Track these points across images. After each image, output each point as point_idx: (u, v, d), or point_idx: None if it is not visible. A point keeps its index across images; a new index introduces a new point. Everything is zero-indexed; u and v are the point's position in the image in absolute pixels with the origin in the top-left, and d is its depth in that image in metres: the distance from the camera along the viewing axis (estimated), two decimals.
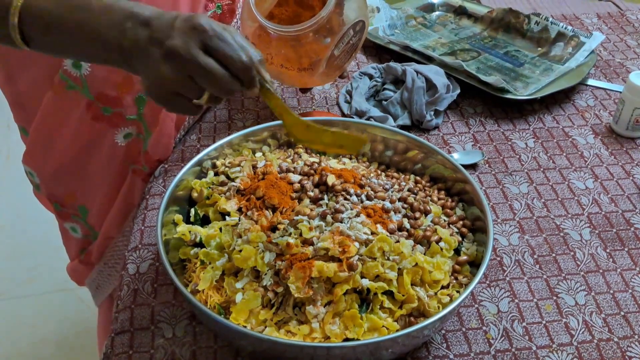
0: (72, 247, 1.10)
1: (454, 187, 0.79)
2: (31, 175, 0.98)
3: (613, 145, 0.99)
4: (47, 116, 0.89)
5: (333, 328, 0.62)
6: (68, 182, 0.97)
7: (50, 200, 1.01)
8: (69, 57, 0.79)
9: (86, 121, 0.89)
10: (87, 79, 0.84)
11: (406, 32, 1.26)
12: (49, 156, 0.93)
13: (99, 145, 0.92)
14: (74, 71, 0.83)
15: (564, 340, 0.70)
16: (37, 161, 0.95)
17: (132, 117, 0.91)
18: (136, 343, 0.69)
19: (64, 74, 0.84)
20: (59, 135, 0.90)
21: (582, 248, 0.81)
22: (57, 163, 0.94)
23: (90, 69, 0.83)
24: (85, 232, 1.04)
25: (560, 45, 1.17)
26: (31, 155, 0.95)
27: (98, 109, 0.88)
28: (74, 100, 0.86)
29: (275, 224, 0.69)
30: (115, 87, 0.86)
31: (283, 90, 1.09)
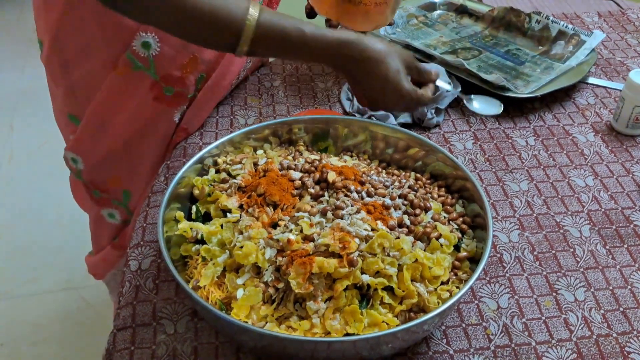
0: (105, 235, 1.11)
1: (454, 185, 0.79)
2: (74, 162, 1.00)
3: (613, 143, 0.99)
4: (107, 98, 0.91)
5: (333, 323, 0.63)
6: (116, 166, 0.99)
7: (90, 188, 1.02)
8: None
9: (147, 102, 0.91)
10: (154, 59, 0.87)
11: (407, 31, 1.26)
12: (102, 140, 0.95)
13: (155, 126, 0.95)
14: (142, 51, 0.86)
15: (564, 336, 0.70)
16: (87, 146, 0.97)
17: (190, 95, 0.94)
18: (138, 339, 0.69)
19: (131, 54, 0.86)
20: (117, 117, 0.92)
21: (582, 245, 0.81)
22: (108, 147, 0.95)
23: (159, 49, 0.86)
24: (124, 217, 1.06)
25: (561, 43, 1.18)
26: (82, 140, 0.96)
27: (161, 89, 0.90)
28: (138, 81, 0.89)
29: (276, 220, 0.70)
30: (180, 68, 0.89)
31: (286, 88, 1.09)
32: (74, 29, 0.86)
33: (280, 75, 1.13)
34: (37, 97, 2.54)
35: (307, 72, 1.14)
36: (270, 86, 1.10)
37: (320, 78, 1.13)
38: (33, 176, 2.18)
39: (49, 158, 2.24)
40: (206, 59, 0.92)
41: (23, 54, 2.78)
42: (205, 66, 0.93)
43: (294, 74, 1.14)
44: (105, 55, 0.88)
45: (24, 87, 2.60)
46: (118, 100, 0.91)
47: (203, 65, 0.92)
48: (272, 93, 1.08)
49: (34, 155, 2.25)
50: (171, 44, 0.87)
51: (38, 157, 2.24)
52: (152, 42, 0.85)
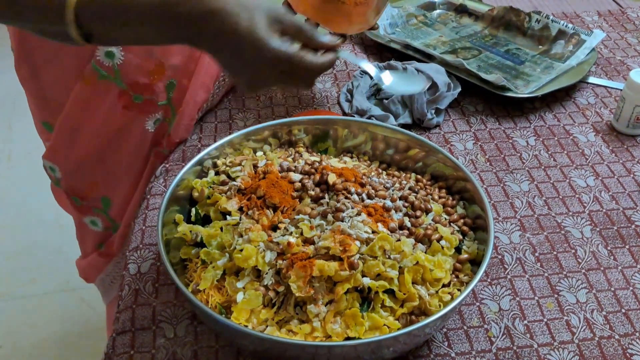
0: (90, 241, 1.10)
1: (455, 186, 0.79)
2: (52, 170, 0.99)
3: (614, 143, 0.99)
4: (76, 108, 0.89)
5: (334, 327, 0.62)
6: (92, 174, 0.98)
7: (70, 195, 1.01)
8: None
9: (117, 110, 0.90)
10: (120, 68, 0.85)
11: (407, 31, 1.26)
12: (75, 148, 0.94)
13: (128, 134, 0.93)
14: (106, 61, 0.84)
15: (565, 338, 0.70)
16: (62, 154, 0.96)
17: (162, 103, 0.92)
18: (137, 343, 0.69)
19: (96, 64, 0.84)
20: (87, 126, 0.91)
21: (583, 246, 0.81)
22: (82, 155, 0.94)
23: (123, 58, 0.84)
24: (106, 224, 1.05)
25: (561, 43, 1.17)
26: (55, 149, 0.95)
27: (130, 98, 0.89)
28: (106, 90, 0.87)
29: (276, 223, 0.69)
30: (147, 75, 0.88)
31: (284, 89, 1.09)
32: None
33: None
34: None
35: None
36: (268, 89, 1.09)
37: (318, 79, 1.12)
38: (32, 176, 2.16)
39: None
40: (173, 64, 0.90)
41: None
42: (173, 71, 0.91)
43: None
44: (72, 64, 0.86)
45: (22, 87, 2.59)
46: (87, 110, 0.90)
47: (170, 70, 0.90)
48: (270, 95, 1.07)
49: (33, 155, 2.24)
50: (135, 52, 0.85)
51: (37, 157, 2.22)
52: (115, 51, 0.84)
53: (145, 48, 0.86)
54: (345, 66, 1.16)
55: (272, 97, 1.07)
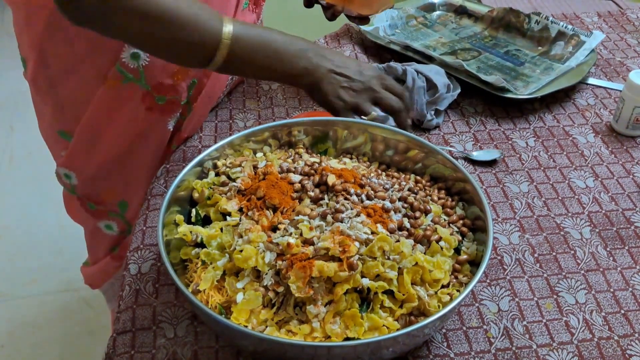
0: (102, 246, 1.10)
1: (454, 187, 0.79)
2: (67, 178, 0.99)
3: (613, 144, 0.99)
4: (98, 113, 0.90)
5: (334, 327, 0.63)
6: (111, 179, 0.98)
7: (84, 201, 1.01)
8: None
9: (140, 112, 0.90)
10: (145, 69, 0.86)
11: (407, 32, 1.26)
12: (94, 154, 0.94)
13: (150, 135, 0.94)
14: (132, 63, 0.85)
15: (565, 338, 0.70)
16: (80, 161, 0.96)
17: (184, 102, 0.94)
18: (138, 343, 0.69)
19: (121, 67, 0.85)
20: (109, 130, 0.91)
21: (583, 247, 0.81)
22: (102, 160, 0.95)
23: (149, 59, 0.85)
24: (122, 227, 1.05)
25: (560, 44, 1.17)
26: (74, 156, 0.96)
27: (153, 99, 0.90)
28: (129, 92, 0.88)
29: (275, 224, 0.70)
30: (171, 76, 0.89)
31: (284, 90, 1.09)
32: (59, 44, 0.85)
33: None
34: None
35: None
36: (268, 89, 1.10)
37: None
38: (33, 177, 2.18)
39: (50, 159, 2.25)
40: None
41: None
42: (196, 71, 0.92)
43: None
44: (93, 69, 0.87)
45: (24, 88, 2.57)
46: (110, 113, 0.90)
47: (194, 70, 0.91)
48: (270, 96, 1.08)
49: (35, 156, 2.25)
50: None
51: (38, 158, 2.24)
52: (141, 52, 0.85)
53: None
54: None
55: (272, 98, 1.07)
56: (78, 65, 0.86)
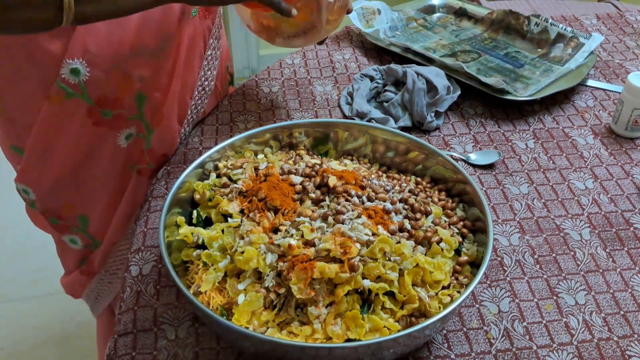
0: (71, 259, 1.09)
1: (454, 188, 0.79)
2: (26, 193, 0.97)
3: (612, 146, 0.99)
4: (45, 128, 0.87)
5: (335, 329, 0.63)
6: (67, 193, 0.96)
7: (46, 216, 0.99)
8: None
9: (87, 127, 0.88)
10: (86, 84, 0.84)
11: (407, 34, 1.26)
12: (47, 169, 0.92)
13: (100, 150, 0.92)
14: (72, 78, 0.83)
15: (564, 339, 0.71)
16: (34, 176, 0.94)
17: (133, 117, 0.91)
18: (139, 345, 0.69)
19: (62, 83, 0.83)
20: (58, 146, 0.89)
21: (582, 248, 0.82)
22: (55, 175, 0.93)
23: (89, 74, 0.83)
24: (85, 242, 1.03)
25: (559, 46, 1.18)
26: (27, 171, 0.93)
27: (98, 114, 0.87)
28: (74, 108, 0.86)
29: (277, 225, 0.70)
30: (114, 89, 0.86)
31: (285, 92, 1.09)
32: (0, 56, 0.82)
33: (278, 80, 1.13)
34: None
35: (306, 76, 1.14)
36: (269, 91, 1.10)
37: (318, 81, 1.13)
38: None
39: None
40: (140, 76, 0.88)
41: None
42: (141, 84, 0.89)
43: (292, 77, 1.14)
44: (36, 84, 0.84)
45: None
46: (57, 129, 0.88)
47: (138, 83, 0.88)
48: (270, 98, 1.08)
49: None
50: (100, 67, 0.83)
51: None
52: (80, 67, 0.82)
53: (111, 60, 0.84)
54: (345, 69, 1.17)
55: (272, 100, 1.08)
56: (21, 78, 0.84)
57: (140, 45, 0.85)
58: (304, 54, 1.21)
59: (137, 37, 0.84)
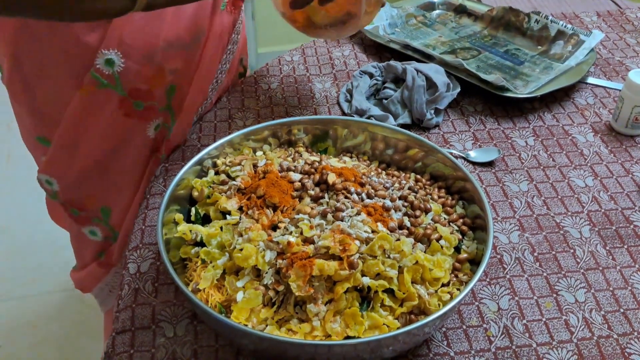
0: (88, 252, 1.09)
1: (454, 185, 0.79)
2: (49, 184, 0.97)
3: (612, 143, 0.99)
4: (75, 119, 0.88)
5: (334, 326, 0.63)
6: (92, 184, 0.96)
7: (67, 207, 1.00)
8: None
9: (117, 118, 0.89)
10: (120, 75, 0.85)
11: (406, 31, 1.26)
12: (74, 160, 0.93)
13: (129, 141, 0.93)
14: (106, 69, 0.84)
15: (564, 337, 0.70)
16: (60, 167, 0.94)
17: (163, 108, 0.92)
18: (137, 342, 0.69)
19: (95, 73, 0.84)
20: (88, 136, 0.90)
21: (582, 245, 0.81)
22: (82, 166, 0.93)
23: (123, 65, 0.84)
24: (105, 233, 1.04)
25: (560, 43, 1.18)
26: (53, 162, 0.94)
27: (130, 105, 0.88)
28: (106, 98, 0.87)
29: (276, 222, 0.70)
30: (147, 81, 0.88)
31: (283, 89, 1.09)
32: (31, 46, 0.83)
33: (277, 77, 1.12)
34: None
35: (305, 73, 1.14)
36: (267, 88, 1.10)
37: (317, 79, 1.13)
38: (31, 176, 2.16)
39: None
40: (173, 69, 0.90)
41: None
42: (173, 76, 0.90)
43: (291, 74, 1.13)
44: (68, 74, 0.85)
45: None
46: (87, 119, 0.88)
47: (171, 75, 0.90)
48: (269, 95, 1.08)
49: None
50: (135, 59, 0.85)
51: None
52: (115, 58, 0.83)
53: (145, 52, 0.85)
54: (344, 66, 1.16)
55: (271, 97, 1.07)
56: (52, 69, 0.85)
57: (175, 38, 0.86)
58: (303, 51, 1.20)
59: (172, 30, 0.85)
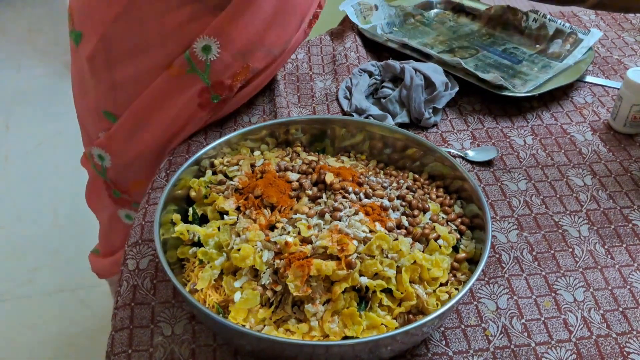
0: (119, 236, 1.09)
1: (452, 185, 0.79)
2: (100, 159, 0.98)
3: (611, 142, 0.99)
4: (153, 99, 0.90)
5: (332, 326, 0.62)
6: (143, 169, 0.97)
7: (110, 186, 1.00)
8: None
9: (192, 107, 0.91)
10: (212, 64, 0.86)
11: (404, 30, 1.26)
12: (136, 140, 0.94)
13: (190, 129, 0.94)
14: (201, 54, 0.86)
15: (563, 336, 0.70)
16: (121, 144, 0.95)
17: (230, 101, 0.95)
18: (135, 341, 0.69)
19: (190, 56, 0.86)
20: (157, 119, 0.91)
21: (581, 244, 0.81)
22: (141, 148, 0.94)
23: (218, 55, 0.86)
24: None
25: (558, 42, 1.17)
26: (115, 139, 0.95)
27: (209, 97, 0.90)
28: (190, 84, 0.88)
29: (273, 222, 0.70)
30: (232, 76, 0.90)
31: (286, 85, 1.09)
32: (129, 29, 0.85)
33: (280, 72, 1.12)
34: (32, 97, 2.54)
35: (308, 72, 1.14)
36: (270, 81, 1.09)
37: (319, 77, 1.13)
38: (29, 176, 2.17)
39: (46, 158, 2.24)
40: (256, 68, 0.93)
41: (18, 54, 2.78)
42: (251, 75, 0.93)
43: (294, 72, 1.13)
44: (159, 56, 0.87)
45: (19, 87, 2.59)
46: (164, 101, 0.90)
47: (251, 74, 0.93)
48: (272, 87, 1.07)
49: (30, 155, 2.24)
50: (231, 52, 0.87)
51: (34, 158, 2.23)
52: (213, 46, 0.85)
53: (241, 48, 0.87)
54: (345, 59, 1.15)
55: (274, 89, 1.06)
56: (143, 50, 0.87)
57: (272, 45, 0.90)
58: (308, 49, 1.20)
59: (274, 35, 0.89)
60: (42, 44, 2.84)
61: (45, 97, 2.49)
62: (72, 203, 2.05)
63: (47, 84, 2.58)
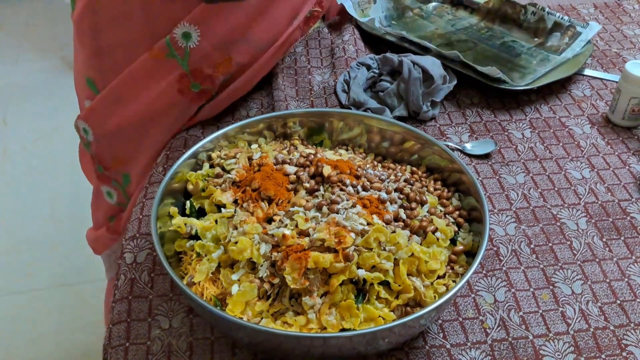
0: (102, 212, 1.10)
1: (450, 178, 0.79)
2: (85, 133, 0.98)
3: (609, 135, 0.99)
4: (133, 78, 0.90)
5: (329, 319, 0.62)
6: (122, 146, 0.98)
7: (94, 161, 1.01)
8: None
9: (171, 92, 0.90)
10: (191, 51, 0.86)
11: (403, 23, 1.25)
12: (115, 116, 0.94)
13: (170, 116, 0.94)
14: (181, 41, 0.86)
15: (561, 329, 0.70)
16: (100, 119, 0.95)
17: (214, 92, 0.94)
18: (133, 334, 0.69)
19: (170, 41, 0.86)
20: (136, 98, 0.91)
21: (579, 237, 0.81)
22: (120, 124, 0.94)
23: (198, 43, 0.86)
24: (120, 199, 1.05)
25: (556, 35, 1.17)
26: (96, 111, 0.95)
27: (188, 84, 0.90)
28: (169, 69, 0.88)
29: (271, 215, 0.69)
30: (213, 66, 0.89)
31: (284, 78, 1.08)
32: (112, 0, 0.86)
33: (278, 65, 1.12)
34: (30, 92, 2.53)
35: (306, 65, 1.13)
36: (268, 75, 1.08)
37: (317, 71, 1.12)
38: (27, 171, 2.17)
39: (43, 153, 2.24)
40: (240, 62, 0.92)
41: (15, 48, 2.77)
42: (236, 68, 0.93)
43: (292, 66, 1.13)
44: (142, 34, 0.87)
45: (16, 82, 2.58)
46: (143, 82, 0.90)
47: (235, 67, 0.92)
48: (270, 80, 1.07)
49: (28, 150, 2.24)
50: (211, 42, 0.87)
51: (32, 153, 2.23)
52: (193, 34, 0.86)
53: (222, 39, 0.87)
54: (343, 52, 1.15)
55: (272, 82, 1.06)
56: (127, 21, 0.87)
57: (256, 38, 0.90)
58: (306, 43, 1.20)
59: (258, 30, 0.89)
60: (40, 39, 2.83)
61: (43, 92, 2.48)
62: (70, 198, 2.05)
63: (45, 79, 2.57)
